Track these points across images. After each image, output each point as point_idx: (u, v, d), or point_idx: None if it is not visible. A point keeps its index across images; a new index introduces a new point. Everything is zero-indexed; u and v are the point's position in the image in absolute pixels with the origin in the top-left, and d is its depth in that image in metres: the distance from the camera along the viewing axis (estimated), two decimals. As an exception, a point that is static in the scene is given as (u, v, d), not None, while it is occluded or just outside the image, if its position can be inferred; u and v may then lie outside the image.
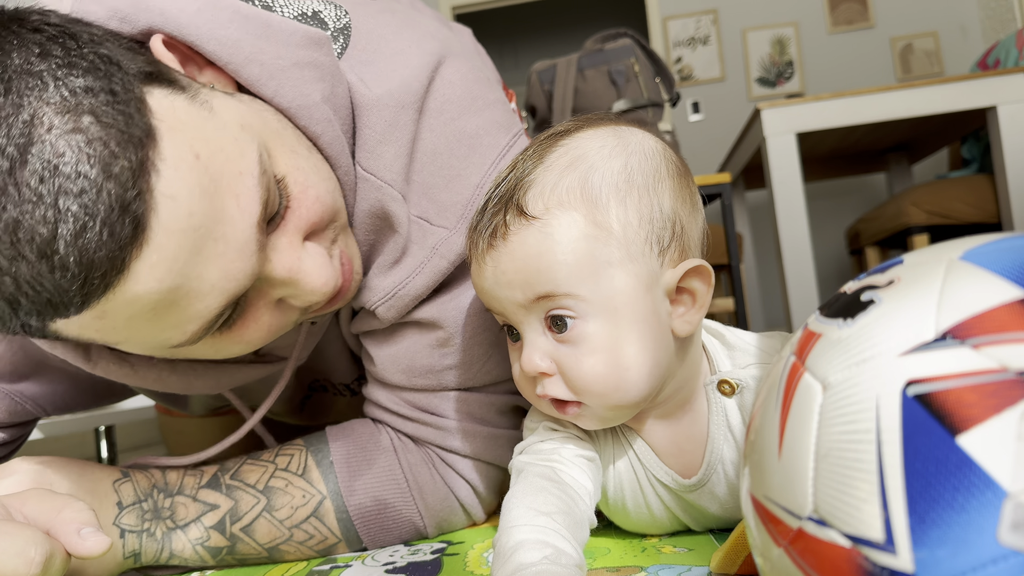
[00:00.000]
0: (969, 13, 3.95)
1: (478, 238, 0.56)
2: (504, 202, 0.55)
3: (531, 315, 0.55)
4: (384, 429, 0.73)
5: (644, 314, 0.53)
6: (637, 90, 1.95)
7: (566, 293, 0.52)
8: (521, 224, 0.53)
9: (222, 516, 0.67)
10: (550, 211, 0.53)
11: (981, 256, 0.34)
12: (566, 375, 0.55)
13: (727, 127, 3.99)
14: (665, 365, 0.55)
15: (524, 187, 0.54)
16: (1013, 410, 0.28)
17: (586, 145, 0.56)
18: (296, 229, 0.56)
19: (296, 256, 0.55)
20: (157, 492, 0.67)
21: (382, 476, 0.70)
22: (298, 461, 0.70)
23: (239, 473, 0.69)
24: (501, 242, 0.54)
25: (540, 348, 0.55)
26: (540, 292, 0.53)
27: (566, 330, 0.54)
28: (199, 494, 0.67)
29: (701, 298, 0.56)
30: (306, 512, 0.68)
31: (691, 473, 0.60)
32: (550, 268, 0.52)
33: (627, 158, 0.55)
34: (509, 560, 0.46)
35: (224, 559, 0.68)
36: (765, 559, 0.37)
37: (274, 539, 0.68)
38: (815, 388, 0.35)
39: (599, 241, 0.52)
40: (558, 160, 0.55)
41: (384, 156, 0.64)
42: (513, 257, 0.53)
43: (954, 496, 0.28)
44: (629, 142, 0.56)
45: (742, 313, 2.07)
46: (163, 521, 0.66)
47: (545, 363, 0.55)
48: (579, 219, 0.52)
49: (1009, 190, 2.21)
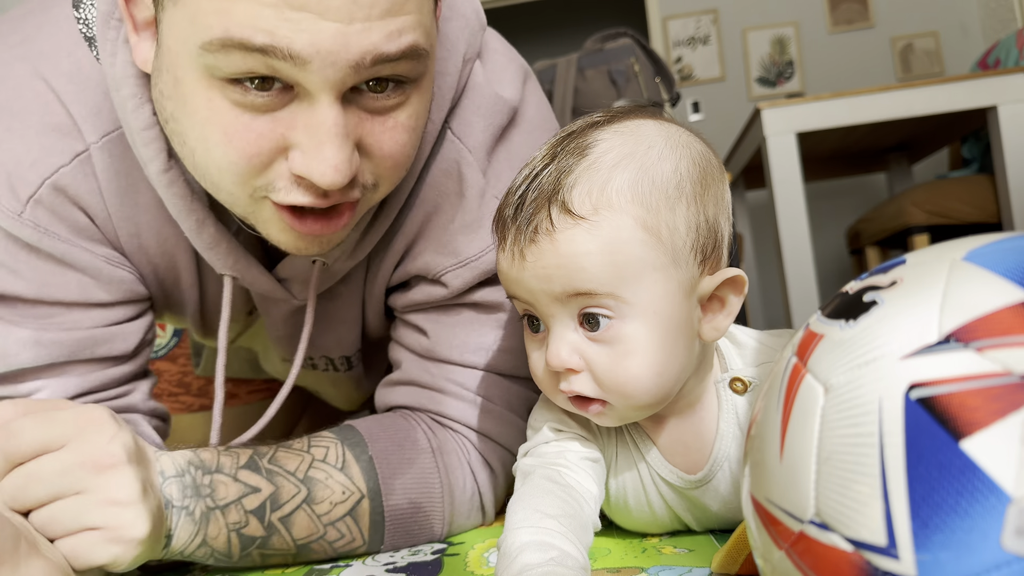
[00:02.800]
0: (969, 13, 3.94)
1: (518, 232, 0.55)
2: (547, 198, 0.54)
3: (564, 309, 0.54)
4: (419, 425, 0.71)
5: (679, 320, 0.54)
6: (637, 90, 1.95)
7: (608, 293, 0.52)
8: (567, 223, 0.52)
9: (263, 501, 0.61)
10: (599, 212, 0.52)
11: (984, 257, 0.34)
12: (597, 373, 0.54)
13: (727, 127, 3.98)
14: (689, 369, 0.56)
15: (568, 184, 0.53)
16: (1017, 414, 0.28)
17: (633, 142, 0.55)
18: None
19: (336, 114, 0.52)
20: (194, 468, 0.60)
21: (419, 478, 0.68)
22: (335, 453, 0.66)
23: (276, 458, 0.64)
24: (545, 238, 0.53)
25: (569, 343, 0.54)
26: (581, 289, 0.53)
27: (599, 328, 0.53)
28: (239, 474, 0.61)
29: (730, 305, 0.56)
30: (343, 510, 0.64)
31: (695, 470, 0.60)
32: (596, 268, 0.52)
33: (677, 162, 0.55)
34: (514, 561, 0.46)
35: (250, 555, 0.63)
36: (766, 561, 0.37)
37: (309, 536, 0.64)
38: (817, 390, 0.34)
39: (647, 245, 0.52)
40: (604, 156, 0.54)
41: (475, 127, 0.69)
42: (558, 253, 0.53)
43: (957, 501, 0.28)
44: (677, 143, 0.56)
45: (742, 313, 2.07)
46: (203, 499, 0.59)
47: (574, 359, 0.54)
48: (629, 222, 0.52)
49: (1009, 190, 2.20)
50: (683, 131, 0.58)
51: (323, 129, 0.51)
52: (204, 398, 1.14)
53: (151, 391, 0.75)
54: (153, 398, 0.75)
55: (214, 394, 0.70)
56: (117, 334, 0.69)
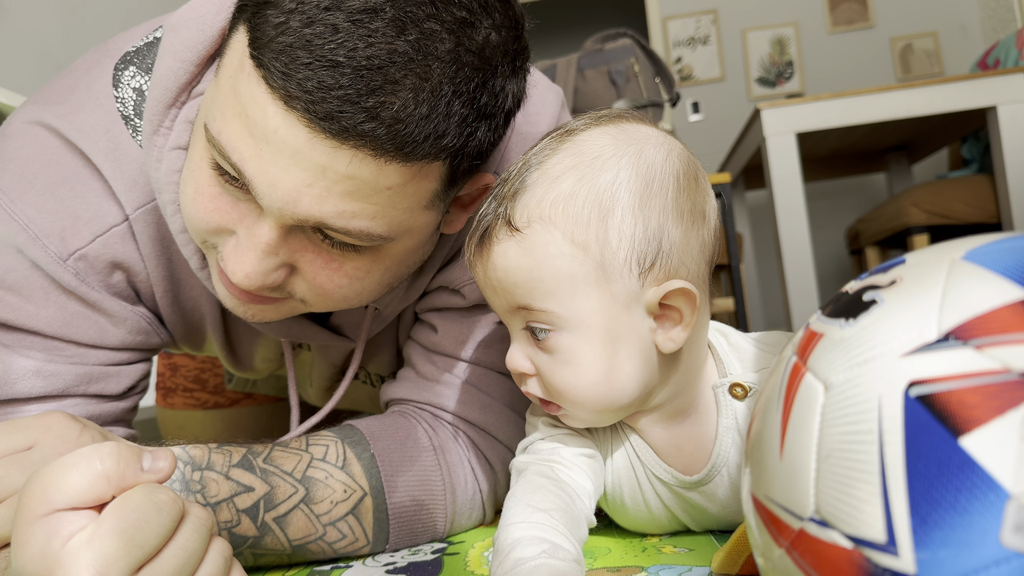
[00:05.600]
0: (969, 13, 3.94)
1: (470, 239, 0.57)
2: (497, 209, 0.56)
3: (514, 319, 0.57)
4: (420, 424, 0.72)
5: (620, 331, 0.54)
6: (637, 90, 1.95)
7: (541, 309, 0.54)
8: (505, 234, 0.55)
9: (256, 500, 0.61)
10: (531, 226, 0.53)
11: (983, 256, 0.34)
12: (543, 379, 0.57)
13: (727, 127, 3.98)
14: (646, 378, 0.56)
15: (518, 194, 0.55)
16: (1016, 412, 0.28)
17: (584, 152, 0.55)
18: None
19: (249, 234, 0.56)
20: (183, 464, 0.60)
21: (421, 475, 0.69)
22: (336, 452, 0.66)
23: (272, 458, 0.64)
24: (487, 250, 0.56)
25: (521, 349, 0.57)
26: (519, 303, 0.55)
27: (542, 337, 0.55)
28: (231, 473, 0.61)
29: (687, 317, 0.55)
30: (345, 509, 0.64)
31: (693, 472, 0.60)
32: (527, 284, 0.54)
33: (617, 172, 0.54)
34: (507, 556, 0.47)
35: (242, 554, 0.62)
36: (766, 559, 0.37)
37: (306, 536, 0.63)
38: (817, 388, 0.34)
39: (575, 260, 0.53)
40: (555, 167, 0.55)
41: (508, 156, 0.71)
42: (495, 267, 0.55)
43: (956, 498, 0.28)
44: (627, 152, 0.55)
45: (742, 313, 2.07)
46: (193, 495, 0.59)
47: (525, 364, 0.57)
48: (557, 236, 0.53)
49: (1009, 190, 2.21)
50: (655, 140, 0.56)
51: (254, 239, 0.55)
52: (219, 396, 1.15)
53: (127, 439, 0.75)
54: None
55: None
56: (113, 374, 0.71)
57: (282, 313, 0.63)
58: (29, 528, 0.39)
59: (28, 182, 0.66)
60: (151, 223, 0.68)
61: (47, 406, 0.67)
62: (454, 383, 0.73)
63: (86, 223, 0.66)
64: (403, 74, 0.48)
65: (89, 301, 0.67)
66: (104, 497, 0.40)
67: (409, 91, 0.48)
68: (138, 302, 0.72)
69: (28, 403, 0.67)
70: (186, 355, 1.14)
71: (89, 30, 2.27)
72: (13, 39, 1.97)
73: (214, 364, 1.14)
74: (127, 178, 0.67)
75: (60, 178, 0.66)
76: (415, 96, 0.48)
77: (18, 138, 0.67)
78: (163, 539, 0.41)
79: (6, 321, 0.66)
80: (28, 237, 0.65)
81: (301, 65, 0.47)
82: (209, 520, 0.45)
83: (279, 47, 0.48)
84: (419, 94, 0.48)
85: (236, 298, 0.60)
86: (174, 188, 0.63)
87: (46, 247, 0.65)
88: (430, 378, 0.74)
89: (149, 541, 0.40)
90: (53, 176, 0.66)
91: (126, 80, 0.68)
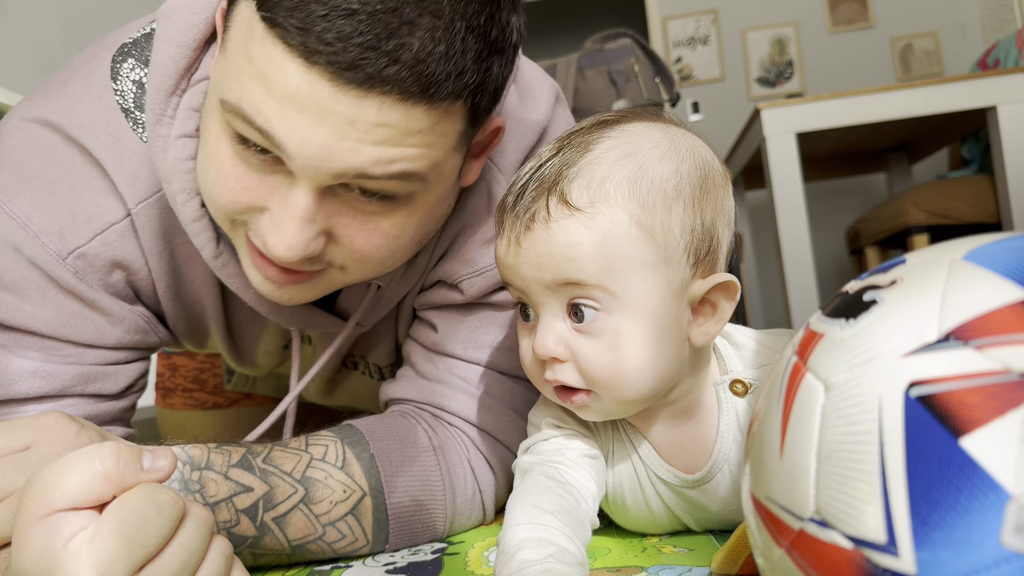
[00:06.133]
0: (969, 13, 3.94)
1: (515, 220, 0.56)
2: (547, 188, 0.55)
3: (553, 298, 0.55)
4: (419, 424, 0.71)
5: (667, 319, 0.54)
6: (637, 90, 1.95)
7: (597, 285, 0.53)
8: (563, 213, 0.53)
9: (255, 500, 0.61)
10: (595, 205, 0.53)
11: (984, 256, 0.34)
12: (580, 364, 0.55)
13: (727, 127, 3.98)
14: (676, 370, 0.56)
15: (569, 176, 0.54)
16: (1016, 412, 0.28)
17: (637, 141, 0.56)
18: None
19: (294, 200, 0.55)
20: (182, 464, 0.59)
21: (421, 475, 0.69)
22: (335, 452, 0.66)
23: (271, 458, 0.63)
24: (541, 226, 0.54)
25: (556, 332, 0.55)
26: (571, 279, 0.53)
27: (585, 320, 0.54)
28: (230, 472, 0.61)
29: (722, 311, 0.56)
30: (344, 509, 0.64)
31: (694, 470, 0.60)
32: (587, 259, 0.53)
33: (679, 164, 0.55)
34: (513, 558, 0.46)
35: (240, 554, 0.61)
36: (766, 560, 0.37)
37: (305, 536, 0.63)
38: (817, 389, 0.34)
39: (640, 242, 0.53)
40: (607, 153, 0.55)
41: (507, 148, 0.72)
42: (551, 242, 0.54)
43: (957, 498, 0.28)
44: (681, 147, 0.57)
45: (742, 313, 2.07)
46: (192, 495, 0.58)
47: (560, 348, 0.55)
48: (624, 218, 0.53)
49: (1009, 190, 2.21)
50: (690, 135, 0.59)
51: (290, 209, 0.54)
52: (218, 396, 1.15)
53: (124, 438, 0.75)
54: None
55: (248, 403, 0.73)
56: (110, 373, 0.71)
57: (318, 291, 0.63)
58: (30, 528, 0.39)
59: (26, 180, 0.65)
60: (154, 217, 0.68)
61: (45, 406, 0.67)
62: (454, 383, 0.73)
63: (85, 221, 0.66)
64: (417, 13, 0.48)
65: (87, 300, 0.67)
66: (104, 497, 0.40)
67: (425, 30, 0.48)
68: (136, 301, 0.72)
69: (26, 403, 0.67)
70: (185, 355, 1.14)
71: (89, 30, 2.27)
72: (13, 39, 1.97)
73: (213, 364, 1.14)
74: (129, 172, 0.66)
75: (58, 176, 0.66)
76: (431, 35, 0.49)
77: (15, 136, 0.67)
78: (164, 538, 0.41)
79: (3, 321, 0.66)
80: (26, 235, 0.65)
81: (317, 17, 0.47)
82: (210, 519, 0.44)
83: (292, 3, 0.48)
84: (435, 32, 0.49)
85: (272, 282, 0.60)
86: (183, 176, 0.63)
87: (45, 245, 0.65)
88: (430, 378, 0.74)
89: (150, 541, 0.40)
90: (51, 174, 0.66)
91: (125, 72, 0.67)
